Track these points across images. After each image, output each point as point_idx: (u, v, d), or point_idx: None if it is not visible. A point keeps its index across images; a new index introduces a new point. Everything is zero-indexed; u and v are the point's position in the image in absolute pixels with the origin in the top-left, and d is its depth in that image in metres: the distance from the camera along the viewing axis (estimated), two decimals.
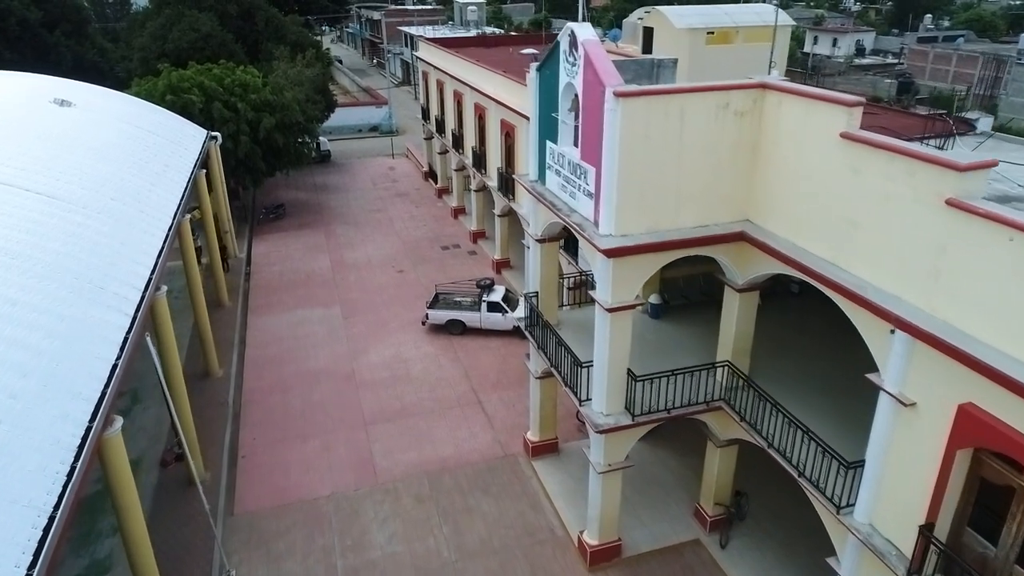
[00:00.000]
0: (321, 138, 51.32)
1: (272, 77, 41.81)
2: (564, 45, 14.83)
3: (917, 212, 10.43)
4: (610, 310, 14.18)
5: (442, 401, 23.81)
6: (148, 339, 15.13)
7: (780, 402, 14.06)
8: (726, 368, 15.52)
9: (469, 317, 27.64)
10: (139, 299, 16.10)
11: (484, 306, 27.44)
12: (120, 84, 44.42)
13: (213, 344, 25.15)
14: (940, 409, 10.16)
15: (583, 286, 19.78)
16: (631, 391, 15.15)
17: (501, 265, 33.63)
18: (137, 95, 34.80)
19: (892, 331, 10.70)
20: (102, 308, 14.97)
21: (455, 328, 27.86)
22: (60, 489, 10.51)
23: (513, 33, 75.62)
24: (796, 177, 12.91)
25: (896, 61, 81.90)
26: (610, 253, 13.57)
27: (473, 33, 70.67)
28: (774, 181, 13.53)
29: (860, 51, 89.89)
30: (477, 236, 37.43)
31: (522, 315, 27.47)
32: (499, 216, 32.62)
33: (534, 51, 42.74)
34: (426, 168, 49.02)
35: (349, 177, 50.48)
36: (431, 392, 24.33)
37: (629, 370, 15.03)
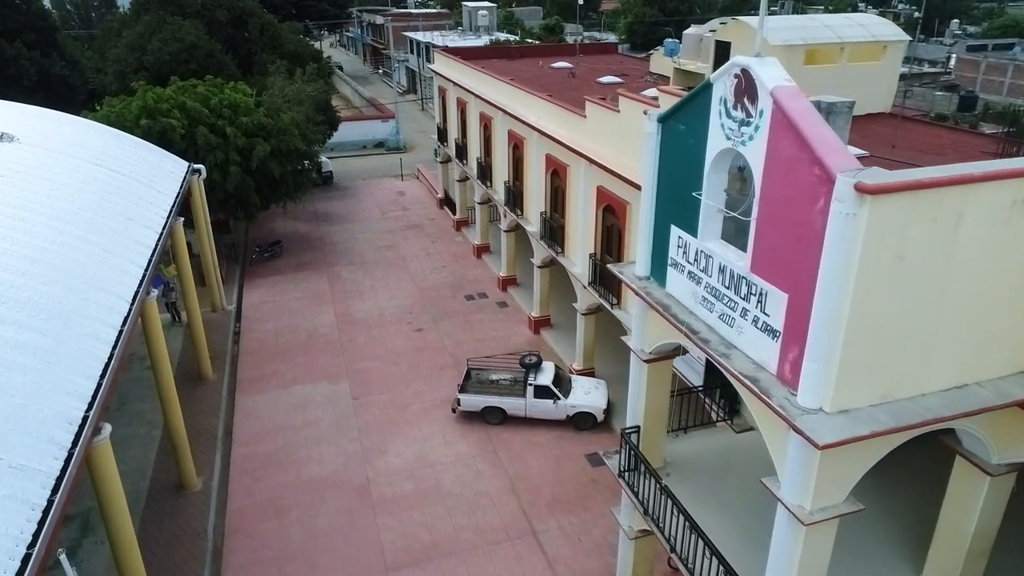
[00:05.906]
0: (322, 158, 45.80)
1: (267, 96, 36.23)
2: (723, 91, 9.39)
3: None
4: (808, 524, 8.74)
5: (485, 531, 18.33)
6: (61, 556, 9.64)
7: None
8: None
9: (511, 404, 22.11)
10: (61, 468, 10.63)
11: (530, 391, 21.95)
12: (95, 101, 38.88)
13: (188, 449, 19.68)
14: None
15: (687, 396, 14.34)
16: None
17: (539, 324, 28.11)
18: (107, 119, 29.30)
19: None
20: None
21: (493, 416, 22.37)
22: None
23: (530, 40, 70.18)
24: None
25: (936, 70, 76.37)
26: (827, 446, 8.11)
27: (484, 39, 65.17)
28: None
29: None
30: (507, 283, 31.91)
31: (576, 403, 22.33)
32: (539, 267, 27.13)
33: (569, 65, 37.34)
34: (441, 194, 43.56)
35: (354, 204, 44.96)
36: (469, 516, 18.84)
37: None
